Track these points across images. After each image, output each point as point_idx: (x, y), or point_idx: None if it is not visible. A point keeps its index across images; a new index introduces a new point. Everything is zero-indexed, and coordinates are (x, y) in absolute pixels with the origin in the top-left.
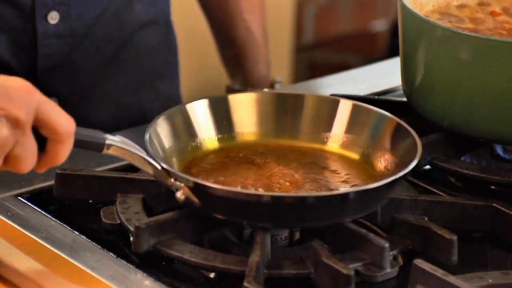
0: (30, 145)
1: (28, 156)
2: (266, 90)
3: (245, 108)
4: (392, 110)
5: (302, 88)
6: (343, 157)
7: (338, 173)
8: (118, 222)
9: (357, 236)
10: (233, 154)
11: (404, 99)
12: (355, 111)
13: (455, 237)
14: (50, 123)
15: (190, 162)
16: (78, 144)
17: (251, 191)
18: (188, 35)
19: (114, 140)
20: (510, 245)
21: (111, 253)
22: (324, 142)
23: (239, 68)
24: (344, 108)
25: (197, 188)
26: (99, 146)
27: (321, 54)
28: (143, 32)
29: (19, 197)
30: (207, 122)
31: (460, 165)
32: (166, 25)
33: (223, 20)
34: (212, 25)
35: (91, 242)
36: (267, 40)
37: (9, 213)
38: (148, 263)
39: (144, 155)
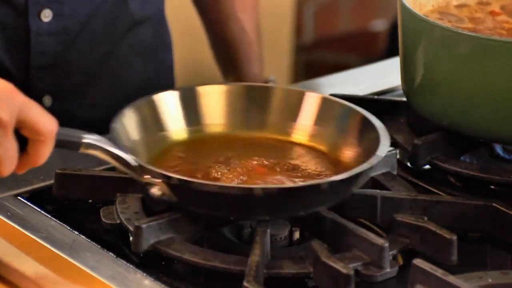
0: (11, 147)
1: (9, 157)
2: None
3: (214, 100)
4: (392, 110)
5: (301, 87)
6: (310, 149)
7: (305, 165)
8: (118, 222)
9: (356, 236)
10: (201, 146)
11: (404, 99)
12: (323, 104)
13: (454, 237)
14: (33, 124)
15: (158, 155)
16: (56, 143)
17: (236, 185)
18: (183, 33)
19: (91, 139)
20: (510, 245)
21: (111, 253)
22: (291, 134)
23: (233, 67)
24: (312, 101)
25: (178, 184)
26: (76, 145)
27: (320, 53)
28: (137, 29)
29: (18, 197)
30: (176, 114)
31: (460, 165)
32: (160, 22)
33: (217, 19)
34: (205, 24)
35: (91, 242)
36: (261, 39)
37: (8, 213)
38: (147, 263)
39: (119, 153)
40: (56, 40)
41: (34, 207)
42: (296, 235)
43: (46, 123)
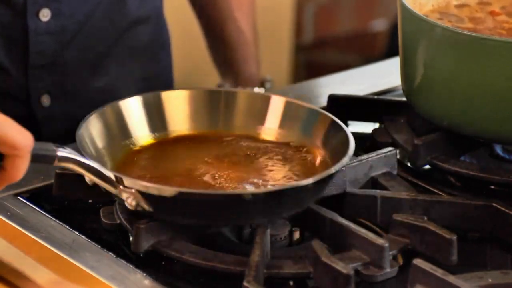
0: None
1: None
2: (257, 89)
3: (178, 105)
4: (392, 110)
5: (301, 87)
6: (275, 152)
7: (272, 169)
8: (118, 222)
9: (356, 236)
10: (166, 152)
11: (404, 98)
12: (287, 107)
13: (454, 237)
14: (8, 139)
15: (123, 162)
16: (31, 158)
17: (232, 191)
18: (182, 32)
19: (64, 152)
20: (509, 245)
21: (110, 253)
22: (257, 138)
23: (230, 67)
24: (277, 104)
25: (150, 194)
26: (51, 159)
27: (320, 53)
28: (135, 29)
29: (18, 197)
30: (141, 120)
31: (459, 165)
32: (159, 22)
33: (213, 19)
34: (202, 23)
35: (91, 242)
36: (258, 39)
37: (8, 213)
38: (147, 263)
39: (93, 164)
40: (55, 39)
41: (34, 207)
42: (296, 235)
43: (22, 138)
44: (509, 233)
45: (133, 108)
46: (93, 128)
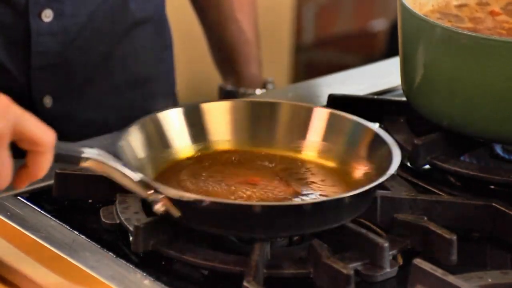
0: (7, 160)
1: (5, 171)
2: (258, 91)
3: (219, 117)
4: (392, 110)
5: (301, 88)
6: (319, 166)
7: (314, 182)
8: (118, 222)
9: (356, 236)
10: (207, 163)
11: (404, 98)
12: (331, 119)
13: (454, 237)
14: (30, 136)
15: (164, 172)
16: (56, 157)
17: (246, 202)
18: (184, 33)
19: (91, 153)
20: (509, 245)
21: (110, 253)
22: (300, 151)
23: (231, 68)
24: (320, 117)
25: (182, 202)
26: (76, 160)
27: (320, 54)
28: (137, 29)
29: (18, 197)
30: (181, 131)
31: (459, 165)
32: (161, 23)
33: (215, 20)
34: (203, 24)
35: (91, 242)
36: (259, 39)
37: (8, 213)
38: (147, 262)
39: (120, 167)
40: (57, 40)
41: (34, 207)
42: None
43: (44, 134)
44: (509, 233)
45: (173, 119)
46: (133, 139)
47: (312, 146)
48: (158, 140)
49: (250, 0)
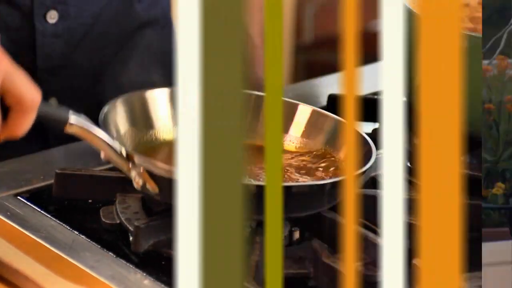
0: None
1: None
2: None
3: None
4: None
5: (301, 88)
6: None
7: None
8: (118, 221)
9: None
10: None
11: (404, 98)
12: (313, 117)
13: None
14: (16, 92)
15: (145, 152)
16: (41, 118)
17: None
18: None
19: (78, 120)
20: None
21: (110, 253)
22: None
23: None
24: (303, 113)
25: (160, 178)
26: (61, 123)
27: (320, 54)
28: (143, 32)
29: (18, 197)
30: (165, 112)
31: None
32: (167, 25)
33: None
34: None
35: (91, 241)
36: (264, 42)
37: (8, 213)
38: (147, 262)
39: (105, 137)
40: (62, 42)
41: (34, 207)
42: (296, 235)
43: (29, 92)
44: None
45: (159, 99)
46: (118, 113)
47: (292, 140)
48: (141, 117)
49: (258, 6)
